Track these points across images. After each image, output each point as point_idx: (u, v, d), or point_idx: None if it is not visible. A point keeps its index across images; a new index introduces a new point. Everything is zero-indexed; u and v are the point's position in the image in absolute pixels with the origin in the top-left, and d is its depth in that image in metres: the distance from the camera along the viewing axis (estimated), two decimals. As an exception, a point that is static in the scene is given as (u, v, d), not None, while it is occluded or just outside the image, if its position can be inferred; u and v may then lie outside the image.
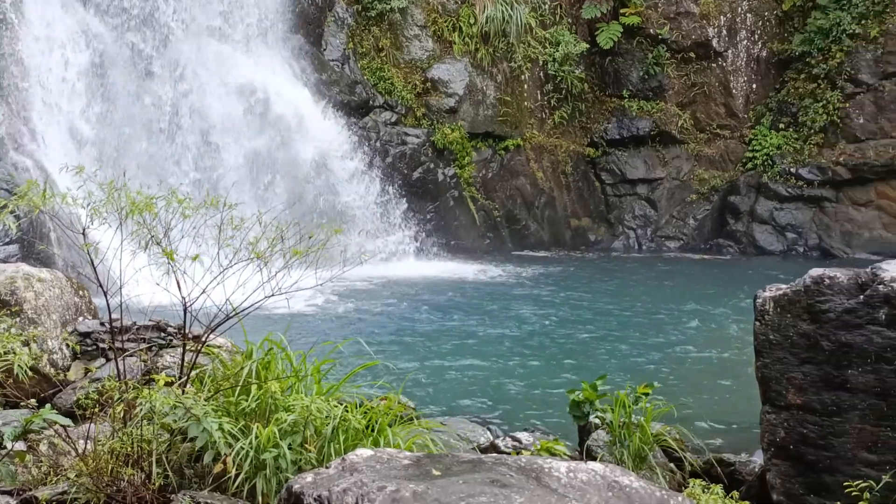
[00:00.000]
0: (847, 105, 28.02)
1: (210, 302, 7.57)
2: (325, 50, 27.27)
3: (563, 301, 21.45)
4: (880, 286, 7.63)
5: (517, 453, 7.79)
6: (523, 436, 10.09)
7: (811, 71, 28.63)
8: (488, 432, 10.30)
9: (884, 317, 7.57)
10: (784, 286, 8.16)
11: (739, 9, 29.74)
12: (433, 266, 25.24)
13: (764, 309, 8.11)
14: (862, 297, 7.71)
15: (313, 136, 24.98)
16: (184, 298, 7.44)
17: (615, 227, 30.00)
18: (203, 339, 7.88)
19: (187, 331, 7.89)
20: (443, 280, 23.75)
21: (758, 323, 8.12)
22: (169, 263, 7.27)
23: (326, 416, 7.11)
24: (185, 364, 7.77)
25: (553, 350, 16.98)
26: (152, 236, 7.35)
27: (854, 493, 7.19)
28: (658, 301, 21.58)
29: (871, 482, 7.26)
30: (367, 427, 7.22)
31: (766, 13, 29.75)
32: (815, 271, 7.99)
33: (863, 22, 27.83)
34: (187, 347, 7.86)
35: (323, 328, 17.76)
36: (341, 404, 7.32)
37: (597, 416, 9.63)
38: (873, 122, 27.79)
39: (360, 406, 7.48)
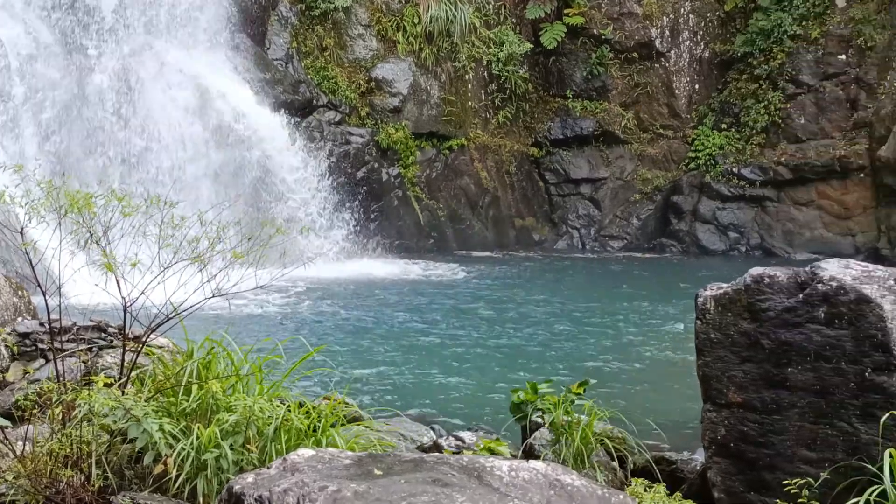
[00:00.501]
0: (788, 105, 28.26)
1: (151, 302, 7.52)
2: (268, 49, 27.16)
3: (509, 301, 21.47)
4: (819, 285, 7.69)
5: (459, 452, 7.78)
6: (466, 435, 10.09)
7: (753, 72, 28.84)
8: (432, 432, 10.29)
9: (823, 315, 7.63)
10: (725, 285, 8.20)
11: (682, 10, 29.92)
12: (378, 266, 25.19)
13: (705, 308, 8.15)
14: (801, 295, 7.76)
15: (256, 136, 24.85)
16: (124, 299, 7.39)
17: (559, 226, 30.09)
18: (143, 339, 7.82)
19: (128, 331, 7.84)
20: (387, 280, 23.73)
21: (699, 322, 8.16)
22: (113, 266, 7.21)
23: (268, 417, 7.08)
24: (125, 364, 7.72)
25: (499, 350, 16.98)
26: (91, 235, 7.29)
27: (793, 491, 7.25)
28: (602, 300, 21.66)
29: (810, 479, 7.33)
30: (309, 427, 7.19)
31: (709, 14, 29.94)
32: (755, 270, 8.03)
33: (803, 23, 28.07)
34: (128, 348, 7.81)
35: (268, 328, 17.68)
36: (284, 404, 7.30)
37: (539, 416, 9.64)
38: (814, 122, 28.03)
39: (302, 406, 7.45)
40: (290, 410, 7.19)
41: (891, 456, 6.98)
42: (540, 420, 9.63)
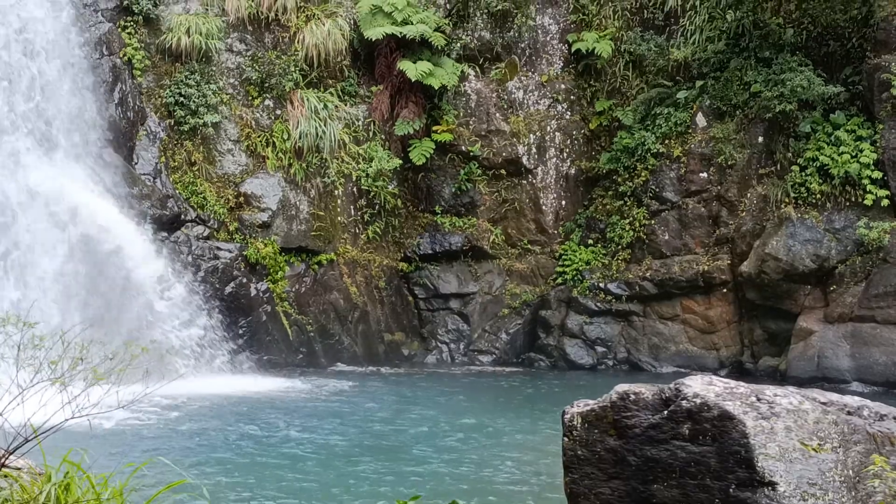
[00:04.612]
0: (652, 222, 28.79)
1: (9, 424, 7.34)
2: (136, 164, 26.99)
3: (375, 416, 21.38)
4: (683, 401, 7.80)
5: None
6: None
7: (618, 188, 29.37)
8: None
9: (687, 432, 7.72)
10: (591, 402, 8.27)
11: (548, 128, 30.46)
12: (246, 382, 24.89)
13: (572, 424, 8.20)
14: (666, 412, 7.86)
15: (122, 251, 24.55)
16: (-19, 420, 7.21)
17: (429, 341, 30.11)
18: (1, 461, 7.61)
19: (-15, 453, 7.62)
20: (256, 396, 23.46)
21: (566, 439, 8.20)
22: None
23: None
24: (-19, 488, 7.49)
25: (368, 466, 16.86)
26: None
27: None
28: (471, 415, 21.64)
29: None
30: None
31: (574, 132, 30.53)
32: (621, 387, 8.12)
33: (666, 142, 28.74)
34: (-16, 470, 7.58)
35: (134, 447, 17.37)
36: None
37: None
38: (678, 238, 28.58)
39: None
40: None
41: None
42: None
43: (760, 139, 27.85)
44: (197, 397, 22.26)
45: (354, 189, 29.43)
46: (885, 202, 26.25)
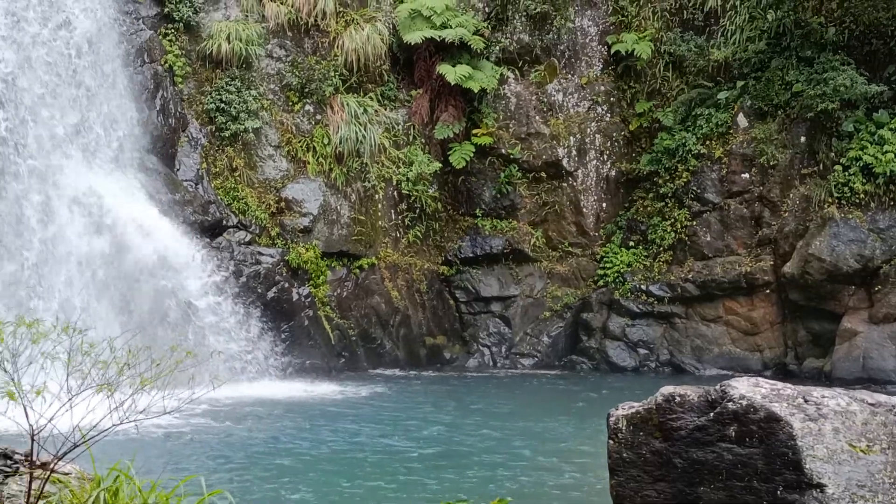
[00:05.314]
0: (694, 223, 28.69)
1: (58, 429, 7.40)
2: (178, 170, 27.13)
3: (420, 419, 21.38)
4: (729, 403, 7.76)
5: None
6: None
7: (659, 190, 29.29)
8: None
9: (734, 434, 7.68)
10: (636, 404, 8.24)
11: (588, 130, 30.40)
12: (289, 386, 24.97)
13: (617, 427, 8.17)
14: (712, 414, 7.82)
15: (165, 257, 24.68)
16: (31, 426, 7.27)
17: (470, 344, 30.11)
18: (51, 466, 7.67)
19: (35, 458, 7.69)
20: (301, 401, 23.52)
21: (611, 441, 8.18)
22: (15, 394, 7.09)
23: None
24: (31, 492, 7.56)
25: (414, 470, 16.88)
26: (-2, 362, 7.18)
27: None
28: (514, 419, 21.63)
29: None
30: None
31: (615, 134, 30.45)
32: (666, 389, 8.09)
33: (707, 143, 28.63)
34: (34, 475, 7.65)
35: (177, 452, 17.43)
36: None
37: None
38: (720, 239, 28.47)
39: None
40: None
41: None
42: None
43: (803, 139, 27.71)
44: (242, 402, 22.32)
45: (395, 193, 29.47)
46: (930, 201, 26.10)
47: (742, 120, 28.43)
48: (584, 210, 30.34)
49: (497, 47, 30.38)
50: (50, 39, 25.21)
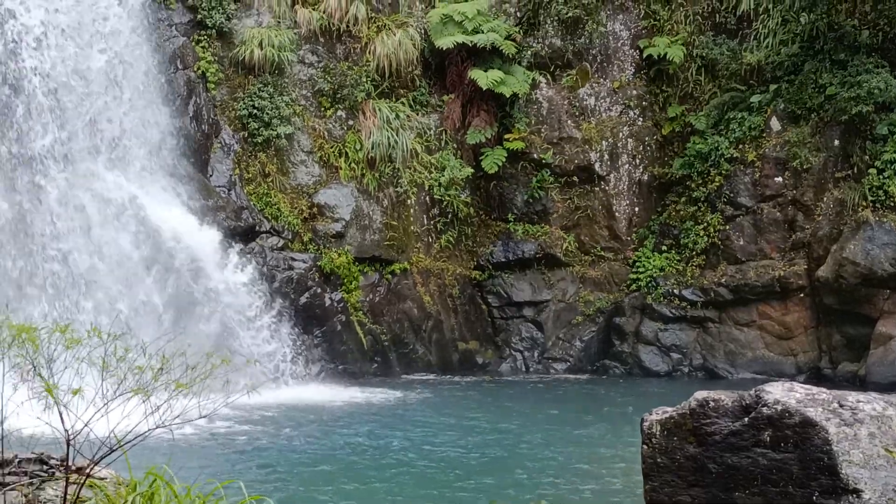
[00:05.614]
0: (727, 227, 28.60)
1: (94, 434, 7.44)
2: (211, 176, 27.24)
3: (456, 425, 21.39)
4: (764, 408, 7.73)
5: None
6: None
7: (691, 194, 29.21)
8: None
9: (768, 439, 7.65)
10: (670, 409, 8.22)
11: (620, 134, 30.36)
12: (323, 391, 25.05)
13: (651, 432, 8.15)
14: (747, 419, 7.79)
15: (198, 262, 24.80)
16: (67, 431, 7.30)
17: (502, 349, 30.08)
18: (87, 471, 7.71)
19: (70, 463, 7.73)
20: (336, 405, 23.58)
21: (645, 446, 8.16)
22: (50, 397, 7.13)
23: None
24: (67, 497, 7.60)
25: (456, 476, 16.89)
26: (34, 367, 7.22)
27: None
28: (551, 424, 21.62)
29: None
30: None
31: (647, 138, 30.39)
32: (700, 394, 8.07)
33: (740, 146, 28.55)
34: (70, 480, 7.69)
35: (213, 457, 17.50)
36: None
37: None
38: (753, 243, 28.37)
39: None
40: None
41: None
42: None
43: (836, 142, 27.58)
44: (276, 407, 22.39)
45: (427, 198, 29.50)
46: (965, 204, 25.93)
47: (775, 123, 28.33)
48: (617, 214, 30.29)
49: (529, 52, 30.37)
50: (87, 47, 25.37)
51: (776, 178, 28.23)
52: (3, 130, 23.92)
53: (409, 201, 29.20)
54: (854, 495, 7.45)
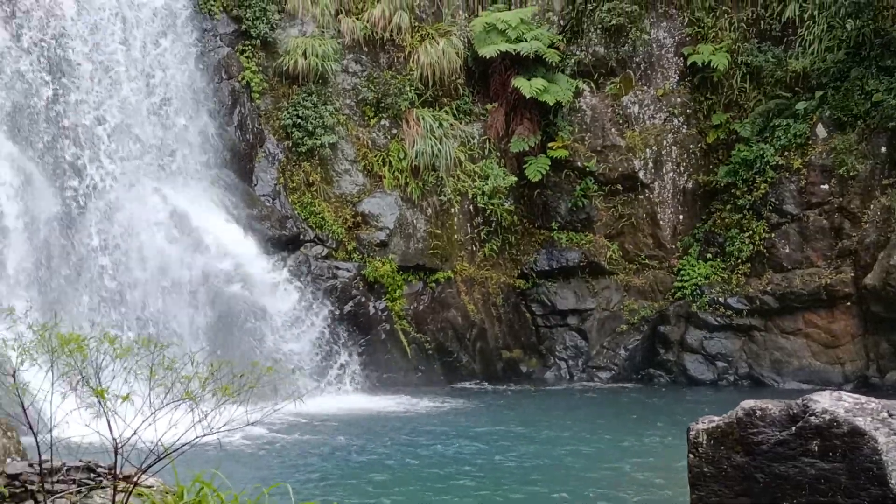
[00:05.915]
0: (772, 235, 28.44)
1: (142, 442, 7.48)
2: (255, 185, 27.36)
3: (505, 433, 21.36)
4: (812, 417, 7.69)
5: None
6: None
7: (736, 202, 29.07)
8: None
9: (816, 448, 7.61)
10: (717, 418, 8.19)
11: (665, 142, 30.25)
12: (368, 400, 25.09)
13: (698, 441, 8.13)
14: (794, 428, 7.76)
15: (244, 272, 24.91)
16: (115, 439, 7.35)
17: (546, 358, 30.01)
18: (135, 479, 7.76)
19: (118, 471, 7.78)
20: (377, 414, 23.59)
21: (692, 456, 8.13)
22: (99, 403, 7.19)
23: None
24: (115, 505, 7.65)
25: (502, 484, 16.88)
26: (83, 377, 7.27)
27: None
28: (599, 432, 21.55)
29: None
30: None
31: (691, 146, 30.28)
32: (747, 403, 8.03)
33: (785, 154, 28.39)
34: (118, 488, 7.74)
35: (259, 465, 17.55)
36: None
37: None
38: (799, 251, 28.19)
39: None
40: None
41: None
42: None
43: (883, 149, 27.39)
44: (322, 415, 22.44)
45: (470, 207, 29.50)
46: None
47: (821, 130, 28.15)
48: (661, 222, 30.18)
49: (572, 60, 30.33)
50: (135, 59, 25.56)
51: (822, 186, 28.06)
52: (54, 140, 24.12)
53: (452, 210, 29.21)
54: (904, 505, 7.39)
